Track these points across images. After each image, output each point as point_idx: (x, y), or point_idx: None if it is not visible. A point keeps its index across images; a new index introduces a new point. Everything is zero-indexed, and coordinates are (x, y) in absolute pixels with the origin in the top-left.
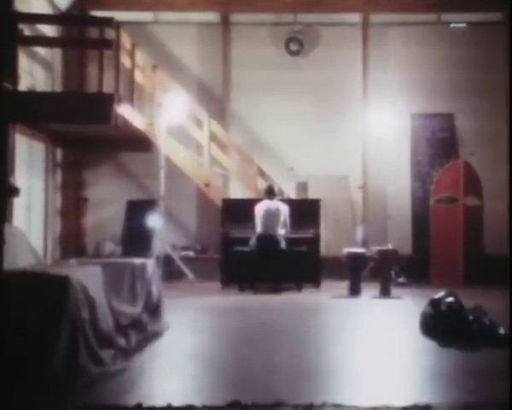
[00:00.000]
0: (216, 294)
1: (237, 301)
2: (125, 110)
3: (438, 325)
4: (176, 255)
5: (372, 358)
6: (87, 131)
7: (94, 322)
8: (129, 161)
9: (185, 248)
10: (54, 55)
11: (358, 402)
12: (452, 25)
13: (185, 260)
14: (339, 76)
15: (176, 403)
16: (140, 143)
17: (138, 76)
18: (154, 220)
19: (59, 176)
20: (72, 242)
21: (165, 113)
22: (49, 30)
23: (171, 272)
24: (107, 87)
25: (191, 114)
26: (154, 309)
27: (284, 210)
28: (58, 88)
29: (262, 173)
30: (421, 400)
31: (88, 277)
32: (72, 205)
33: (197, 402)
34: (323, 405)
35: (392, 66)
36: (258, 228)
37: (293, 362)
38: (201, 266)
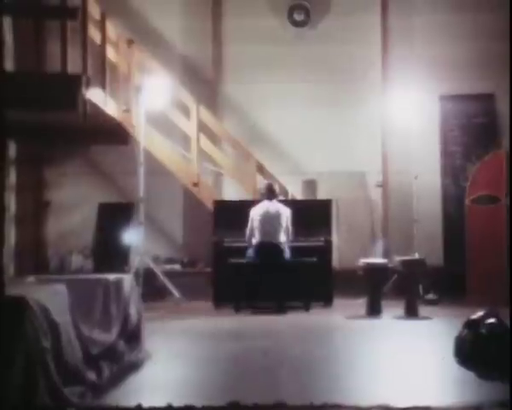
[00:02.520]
0: (207, 315)
1: (233, 325)
2: (94, 95)
3: (477, 351)
4: (159, 270)
5: (397, 394)
6: (48, 121)
7: (57, 352)
8: (100, 156)
9: (170, 261)
10: (3, 25)
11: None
12: None
13: (170, 275)
14: (353, 52)
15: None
16: (114, 134)
17: (110, 53)
18: (131, 228)
19: (13, 175)
20: (31, 255)
21: (145, 98)
22: None
23: (153, 289)
24: (73, 66)
25: (176, 99)
26: (131, 335)
27: (286, 213)
28: (9, 67)
29: (261, 170)
30: None
31: (50, 297)
32: (30, 210)
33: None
34: (324, 405)
35: (418, 38)
36: (256, 235)
37: (301, 402)
38: (190, 283)
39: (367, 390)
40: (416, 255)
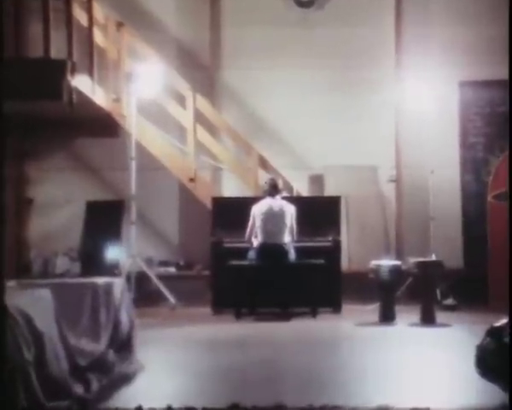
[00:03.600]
0: (205, 322)
1: (233, 332)
2: (81, 82)
3: (500, 362)
4: (152, 273)
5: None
6: (30, 111)
7: (41, 364)
8: (88, 149)
9: (164, 264)
10: None
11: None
12: None
13: (165, 278)
14: (364, 35)
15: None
16: (103, 125)
17: (98, 37)
18: (122, 228)
19: None
20: (11, 257)
21: (136, 86)
22: None
23: (146, 294)
24: (57, 52)
25: (170, 87)
26: (123, 345)
27: (290, 211)
28: None
29: (264, 164)
30: None
31: (34, 304)
32: (10, 208)
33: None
34: (323, 407)
35: (435, 19)
36: (259, 235)
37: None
38: (186, 287)
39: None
40: (433, 257)
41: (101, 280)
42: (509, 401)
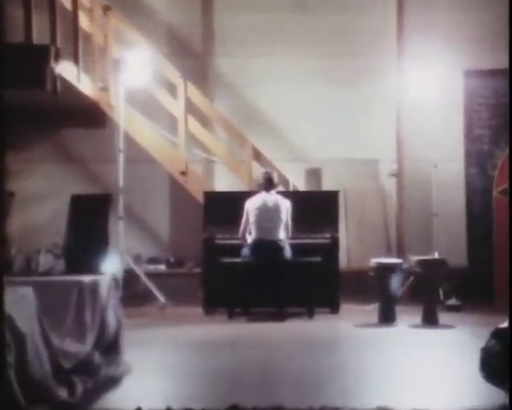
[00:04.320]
0: (197, 323)
1: (226, 333)
2: (66, 69)
3: (506, 365)
4: (141, 271)
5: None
6: (11, 100)
7: (22, 366)
8: (73, 141)
9: (154, 261)
10: None
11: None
12: None
13: (154, 276)
14: (364, 21)
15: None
16: (89, 116)
17: (84, 21)
18: (110, 222)
19: None
20: None
21: (124, 74)
22: None
23: (134, 293)
24: (39, 36)
25: (160, 75)
26: (109, 346)
27: (286, 206)
28: None
29: (258, 157)
30: None
31: (15, 303)
32: None
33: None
34: (323, 408)
35: (438, 5)
36: (253, 232)
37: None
38: (176, 285)
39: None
40: (436, 255)
41: (86, 278)
42: (509, 401)
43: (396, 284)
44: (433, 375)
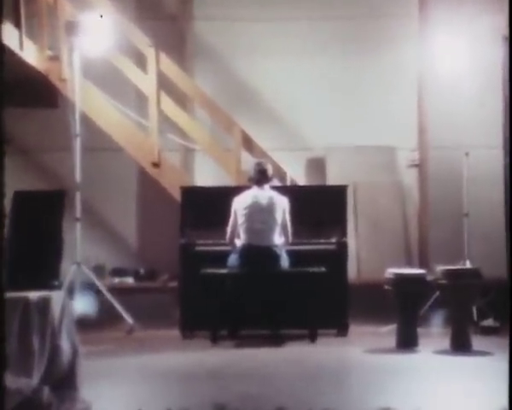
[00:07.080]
0: (172, 349)
1: (208, 362)
2: (5, 34)
3: None
4: (103, 285)
5: None
6: None
7: None
8: (17, 123)
9: (120, 273)
10: None
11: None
12: None
13: (120, 292)
14: None
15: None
16: (36, 92)
17: None
18: (63, 225)
19: None
20: None
21: (80, 40)
22: None
23: (94, 313)
24: None
25: (126, 43)
26: (63, 379)
27: (282, 204)
28: None
29: (249, 144)
30: None
31: None
32: None
33: None
34: None
35: None
36: (242, 236)
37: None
38: (147, 303)
39: None
40: (468, 264)
41: (34, 294)
42: (508, 401)
43: (418, 300)
44: None
